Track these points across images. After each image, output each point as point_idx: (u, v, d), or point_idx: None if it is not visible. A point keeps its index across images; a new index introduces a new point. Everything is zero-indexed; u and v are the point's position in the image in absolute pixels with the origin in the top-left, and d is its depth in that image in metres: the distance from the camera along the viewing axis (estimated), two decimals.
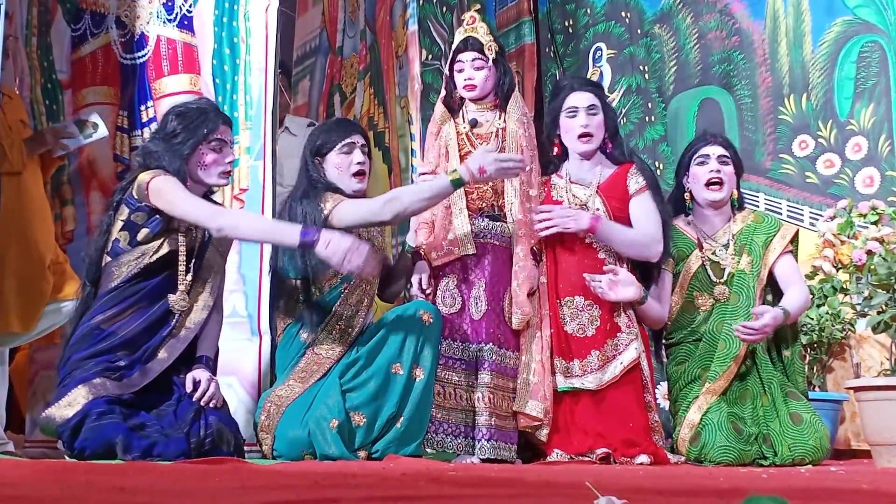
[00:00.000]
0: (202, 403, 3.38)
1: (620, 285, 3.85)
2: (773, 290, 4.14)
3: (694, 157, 4.18)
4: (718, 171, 4.12)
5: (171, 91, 4.48)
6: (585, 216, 3.88)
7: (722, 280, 4.07)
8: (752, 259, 4.07)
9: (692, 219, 4.20)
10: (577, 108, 4.03)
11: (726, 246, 4.12)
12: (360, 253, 3.31)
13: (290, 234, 3.37)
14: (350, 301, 3.71)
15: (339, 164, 3.75)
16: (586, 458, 3.76)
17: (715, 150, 4.15)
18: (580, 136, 4.03)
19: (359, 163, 3.76)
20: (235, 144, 4.22)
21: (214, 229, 3.39)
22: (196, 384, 3.42)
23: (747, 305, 3.99)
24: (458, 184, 3.58)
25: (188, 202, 3.39)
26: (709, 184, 4.12)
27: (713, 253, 4.11)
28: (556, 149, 4.10)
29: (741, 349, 3.94)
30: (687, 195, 4.20)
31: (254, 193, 4.22)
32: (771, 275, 4.10)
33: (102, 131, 4.27)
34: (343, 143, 3.76)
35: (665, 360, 4.25)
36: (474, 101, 3.99)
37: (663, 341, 4.24)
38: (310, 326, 3.66)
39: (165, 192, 3.38)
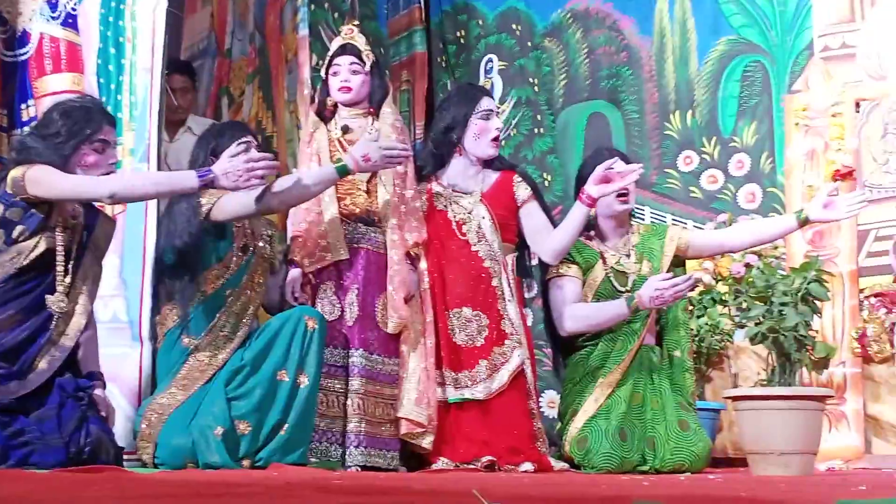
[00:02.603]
0: None
1: None
2: None
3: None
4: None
5: (52, 90, 4.35)
6: None
7: (627, 288, 4.12)
8: (652, 264, 4.16)
9: (593, 233, 4.24)
10: (491, 111, 4.08)
11: (628, 255, 4.18)
12: (256, 164, 3.40)
13: (187, 178, 3.41)
14: (234, 308, 3.67)
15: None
16: (471, 466, 3.78)
17: (619, 166, 4.18)
18: (494, 140, 4.08)
19: None
20: (119, 146, 4.14)
21: (107, 196, 3.32)
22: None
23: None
24: (342, 171, 3.61)
25: (70, 179, 3.32)
26: (618, 196, 4.14)
27: (618, 262, 4.16)
28: (458, 153, 4.12)
29: (635, 344, 4.04)
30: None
31: None
32: None
33: None
34: (238, 142, 3.73)
35: (552, 368, 4.30)
36: (348, 105, 3.99)
37: (546, 350, 4.29)
38: (193, 332, 3.61)
39: (44, 177, 3.28)
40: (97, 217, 3.57)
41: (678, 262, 4.27)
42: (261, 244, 3.81)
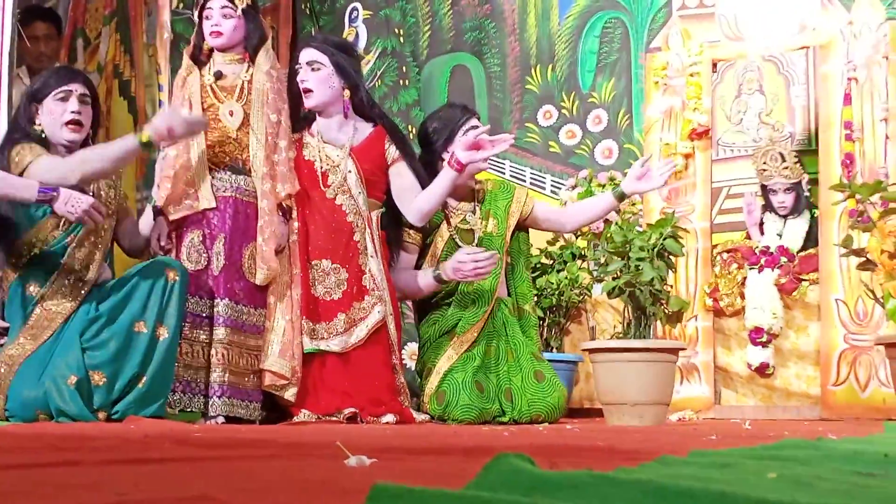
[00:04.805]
0: None
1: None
2: (511, 254, 4.27)
3: (468, 131, 4.16)
4: None
5: None
6: None
7: (473, 245, 4.15)
8: (497, 222, 4.19)
9: None
10: (300, 63, 4.02)
11: (473, 212, 4.21)
12: (96, 209, 3.36)
13: (28, 188, 3.29)
14: (78, 255, 3.58)
15: (53, 112, 3.60)
16: (334, 418, 3.78)
17: (475, 123, 4.20)
18: (304, 91, 4.01)
19: (73, 111, 3.60)
20: None
21: None
22: None
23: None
24: (147, 146, 3.53)
25: None
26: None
27: (463, 219, 4.19)
28: (303, 106, 4.07)
29: (489, 306, 4.08)
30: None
31: None
32: (513, 236, 4.23)
33: None
34: (59, 89, 3.60)
35: (415, 322, 4.32)
36: (221, 50, 3.91)
37: (409, 303, 4.31)
38: (37, 281, 3.51)
39: None
40: None
41: (524, 226, 4.32)
42: (102, 189, 3.70)
